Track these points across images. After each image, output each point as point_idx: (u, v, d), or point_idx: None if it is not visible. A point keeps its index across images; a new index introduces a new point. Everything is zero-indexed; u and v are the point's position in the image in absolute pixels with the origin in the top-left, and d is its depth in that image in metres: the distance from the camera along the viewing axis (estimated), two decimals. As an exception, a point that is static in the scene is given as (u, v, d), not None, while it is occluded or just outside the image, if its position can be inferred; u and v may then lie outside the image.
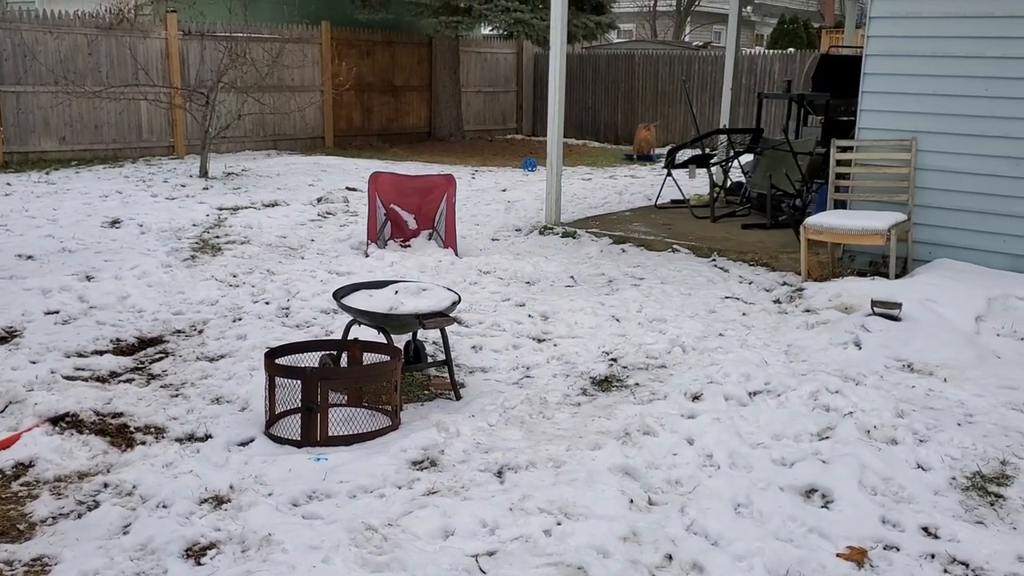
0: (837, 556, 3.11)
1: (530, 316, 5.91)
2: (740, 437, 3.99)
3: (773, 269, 7.18)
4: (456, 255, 7.50)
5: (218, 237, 8.05)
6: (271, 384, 4.06)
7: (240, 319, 5.78)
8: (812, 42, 24.26)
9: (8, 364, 4.74)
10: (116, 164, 12.58)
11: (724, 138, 10.52)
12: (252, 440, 4.03)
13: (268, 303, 6.12)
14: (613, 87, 19.01)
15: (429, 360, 4.92)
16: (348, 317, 4.68)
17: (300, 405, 3.98)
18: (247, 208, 9.41)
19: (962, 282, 5.90)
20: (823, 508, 3.46)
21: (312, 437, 3.95)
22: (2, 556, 3.05)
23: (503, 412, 4.32)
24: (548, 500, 3.39)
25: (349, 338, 4.59)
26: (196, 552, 3.10)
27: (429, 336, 5.29)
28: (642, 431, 4.03)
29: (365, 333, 4.78)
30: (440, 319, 4.46)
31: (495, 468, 3.72)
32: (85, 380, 4.67)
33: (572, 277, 6.96)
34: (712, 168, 9.81)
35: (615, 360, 5.15)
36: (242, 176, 11.69)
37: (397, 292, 4.57)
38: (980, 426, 4.18)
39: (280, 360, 4.24)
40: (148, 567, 3.00)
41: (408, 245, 7.74)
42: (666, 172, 10.35)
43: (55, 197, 9.64)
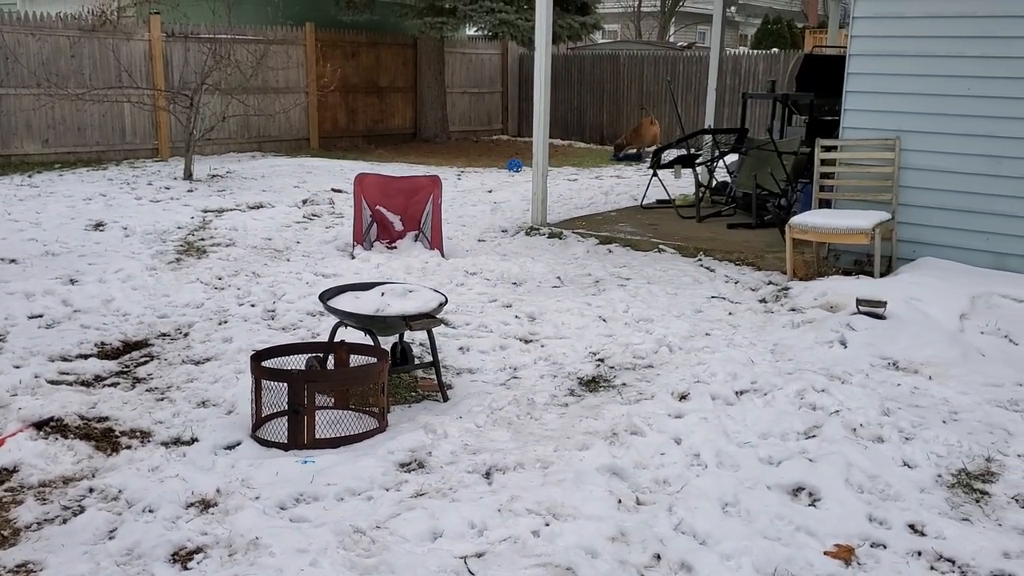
0: (824, 554, 3.12)
1: (517, 317, 5.91)
2: (727, 436, 4.00)
3: (759, 268, 7.20)
4: (442, 256, 7.49)
5: (203, 240, 8.01)
6: (257, 387, 4.05)
7: (226, 322, 5.76)
8: (796, 42, 24.36)
9: (-9, 369, 4.70)
10: (100, 167, 12.50)
11: (709, 138, 10.55)
12: (239, 443, 4.01)
13: (254, 305, 6.10)
14: (598, 88, 19.04)
15: (416, 362, 4.91)
16: (334, 319, 4.66)
17: (287, 408, 3.97)
18: (232, 210, 9.37)
19: (946, 280, 5.94)
20: (810, 506, 3.47)
21: (299, 440, 3.94)
22: (-14, 562, 3.03)
23: (491, 413, 4.32)
24: (536, 501, 3.39)
25: (336, 340, 4.57)
26: (183, 557, 3.08)
27: (416, 338, 5.28)
28: (630, 431, 4.04)
29: (352, 335, 4.76)
30: (427, 320, 4.46)
31: (483, 469, 3.71)
32: (69, 384, 4.64)
33: (559, 278, 6.96)
34: (697, 168, 9.84)
35: (602, 360, 5.16)
36: (227, 178, 11.64)
37: (383, 294, 4.56)
38: (965, 423, 4.21)
39: (266, 363, 4.22)
40: (134, 572, 2.98)
41: (394, 247, 7.73)
42: (652, 172, 10.38)
43: (38, 200, 9.58)
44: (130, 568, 3.00)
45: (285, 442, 3.96)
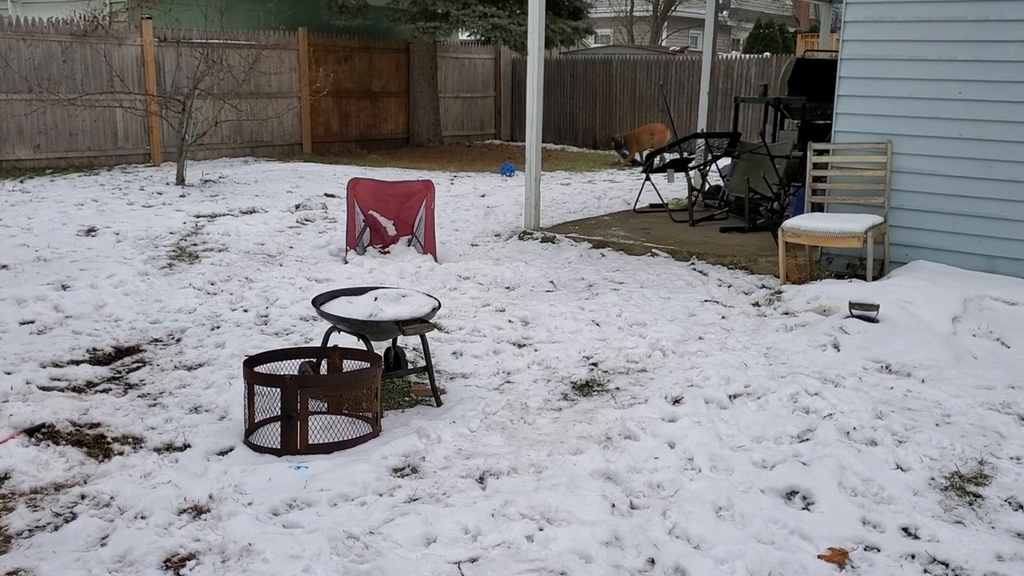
0: (818, 558, 3.12)
1: (510, 321, 5.91)
2: (721, 440, 4.01)
3: (752, 272, 7.22)
4: (436, 261, 7.49)
5: (195, 245, 8.00)
6: (250, 392, 4.04)
7: (218, 327, 5.74)
8: (788, 46, 24.44)
9: (-18, 375, 4.68)
10: (92, 172, 12.47)
11: (702, 142, 10.57)
12: (231, 449, 4.00)
13: (247, 311, 6.08)
14: (591, 92, 19.06)
15: (409, 367, 4.90)
16: (328, 324, 4.66)
17: (280, 413, 3.96)
18: (225, 215, 9.36)
19: (938, 283, 5.95)
20: (804, 510, 3.47)
21: (292, 445, 3.93)
22: (-23, 570, 3.01)
23: (484, 418, 4.32)
24: (530, 506, 3.38)
25: (329, 345, 4.57)
26: (175, 563, 3.07)
27: (409, 343, 5.27)
28: (623, 435, 4.04)
29: (345, 340, 4.75)
30: (420, 325, 4.45)
31: (477, 474, 3.71)
32: (61, 390, 4.63)
33: (552, 282, 6.96)
34: (690, 172, 9.86)
35: (596, 365, 5.15)
36: (219, 183, 11.62)
37: (377, 299, 4.56)
38: (958, 426, 4.22)
39: (259, 368, 4.22)
40: (126, 579, 2.97)
41: (387, 251, 7.72)
42: (645, 176, 10.39)
43: (30, 206, 9.55)
44: (122, 575, 2.99)
45: (278, 448, 3.95)
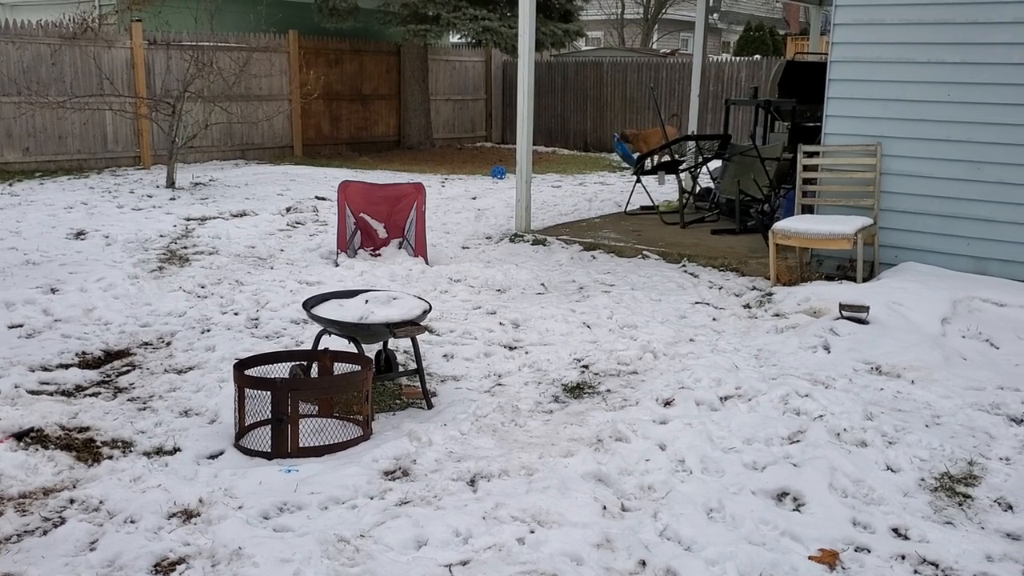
0: (809, 559, 3.13)
1: (501, 324, 5.90)
2: (712, 442, 4.01)
3: (742, 274, 7.23)
4: (426, 263, 7.48)
5: (186, 248, 7.97)
6: (240, 396, 4.03)
7: (209, 330, 5.72)
8: (778, 49, 24.52)
9: (-29, 379, 4.66)
10: (81, 175, 12.42)
11: (692, 144, 10.59)
12: (221, 453, 3.99)
13: (237, 314, 6.07)
14: (582, 94, 19.08)
15: (400, 369, 4.90)
16: (318, 327, 4.65)
17: (270, 417, 3.95)
18: (215, 218, 9.33)
19: (927, 285, 5.97)
20: (795, 511, 3.48)
21: (282, 449, 3.92)
22: (-35, 575, 2.99)
23: (475, 420, 4.31)
24: (521, 508, 3.38)
25: (319, 348, 4.56)
26: (165, 568, 3.05)
27: (400, 345, 5.27)
28: (614, 437, 4.04)
29: (336, 343, 4.75)
30: (411, 328, 4.45)
31: (468, 477, 3.70)
32: (50, 394, 4.60)
33: (543, 284, 6.96)
34: (681, 174, 9.87)
35: (587, 367, 5.16)
36: (210, 186, 11.59)
37: (367, 301, 4.55)
38: (947, 427, 4.23)
39: (250, 371, 4.20)
40: (116, 584, 2.96)
41: (378, 254, 7.71)
42: (636, 178, 10.40)
43: (18, 209, 9.50)
44: (111, 580, 2.98)
45: (268, 451, 3.93)
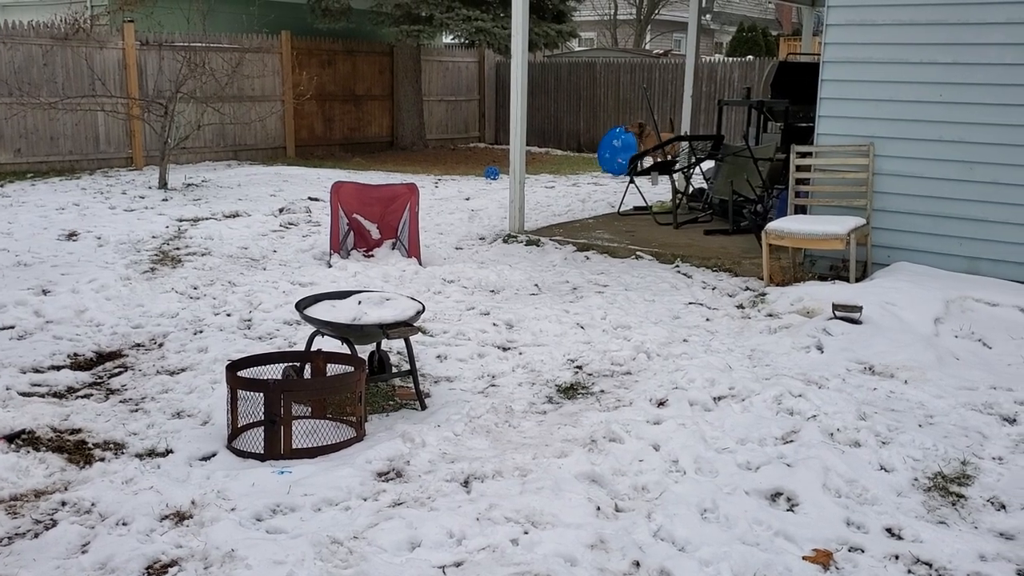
0: (803, 559, 3.13)
1: (495, 325, 5.90)
2: (705, 442, 4.01)
3: (736, 274, 7.23)
4: (420, 264, 7.47)
5: (178, 249, 7.95)
6: (233, 397, 4.01)
7: (201, 332, 5.71)
8: (771, 50, 24.56)
9: (-38, 381, 4.63)
10: (73, 176, 12.38)
11: (685, 145, 10.60)
12: (214, 454, 3.97)
13: (230, 315, 6.05)
14: (575, 95, 19.10)
15: (394, 370, 4.89)
16: (311, 328, 4.63)
17: (263, 418, 3.93)
18: (208, 219, 9.30)
19: (920, 285, 5.99)
20: (788, 511, 3.48)
21: (275, 450, 3.91)
22: (-44, 579, 2.98)
23: (469, 421, 4.31)
24: (515, 509, 3.38)
25: (312, 349, 4.55)
26: (157, 570, 3.04)
27: (393, 346, 5.26)
28: (608, 438, 4.03)
29: (329, 344, 4.73)
30: (404, 329, 4.44)
31: (461, 478, 3.70)
32: (42, 396, 4.58)
33: (536, 285, 6.96)
34: (674, 175, 9.87)
35: (580, 367, 5.15)
36: (202, 187, 11.56)
37: (361, 302, 4.54)
38: (940, 427, 4.24)
39: (242, 372, 4.19)
40: (108, 586, 2.95)
41: (371, 255, 7.70)
42: (629, 179, 10.40)
43: (10, 210, 9.46)
44: (103, 582, 2.97)
45: (261, 452, 3.92)
